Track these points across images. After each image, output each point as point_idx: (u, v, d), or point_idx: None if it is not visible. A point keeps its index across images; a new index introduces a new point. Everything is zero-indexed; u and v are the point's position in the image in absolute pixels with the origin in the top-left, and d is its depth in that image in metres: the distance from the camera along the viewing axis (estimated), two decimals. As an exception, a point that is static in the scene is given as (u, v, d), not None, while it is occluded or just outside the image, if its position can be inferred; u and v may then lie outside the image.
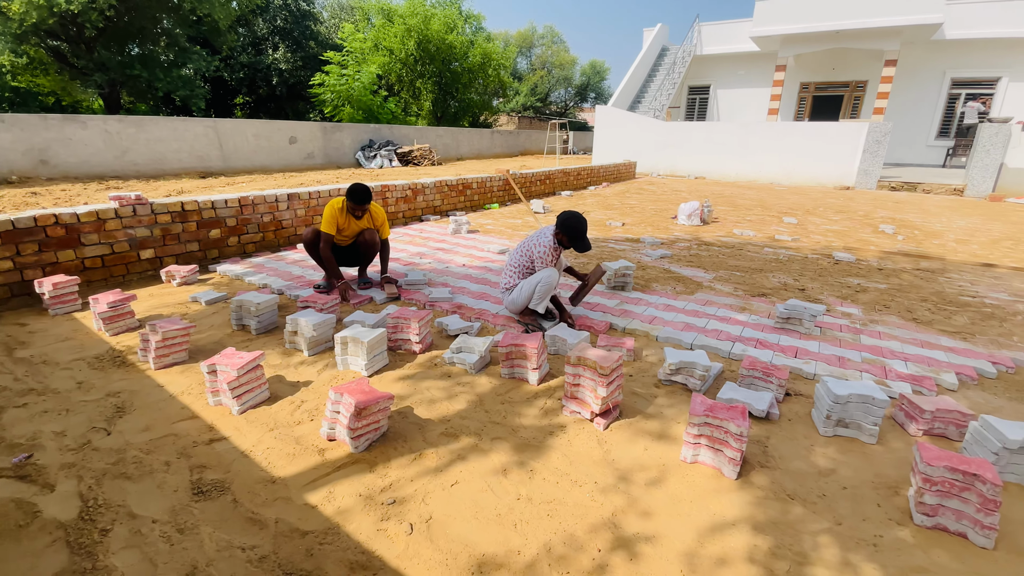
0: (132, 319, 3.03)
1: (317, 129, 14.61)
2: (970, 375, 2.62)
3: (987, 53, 14.50)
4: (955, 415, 2.07)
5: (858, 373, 2.58)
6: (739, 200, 9.65)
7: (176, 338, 2.57)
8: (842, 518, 1.63)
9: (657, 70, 18.75)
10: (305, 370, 2.58)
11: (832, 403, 2.04)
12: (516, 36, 35.94)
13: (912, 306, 3.69)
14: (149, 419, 2.11)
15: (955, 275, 4.58)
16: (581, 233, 2.94)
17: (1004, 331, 3.25)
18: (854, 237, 6.26)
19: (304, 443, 1.98)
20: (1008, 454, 1.79)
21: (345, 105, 18.23)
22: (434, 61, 21.61)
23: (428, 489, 1.74)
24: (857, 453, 1.97)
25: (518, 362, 2.52)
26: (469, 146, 21.55)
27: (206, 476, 1.77)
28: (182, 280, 3.89)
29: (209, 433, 2.03)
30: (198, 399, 2.27)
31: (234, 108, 24.36)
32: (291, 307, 3.46)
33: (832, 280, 4.31)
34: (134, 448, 1.91)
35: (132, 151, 10.73)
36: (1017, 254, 5.49)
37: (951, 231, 6.81)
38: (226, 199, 4.54)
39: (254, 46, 22.94)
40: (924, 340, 3.07)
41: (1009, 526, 1.60)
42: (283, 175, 12.08)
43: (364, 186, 3.61)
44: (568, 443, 2.01)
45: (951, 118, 15.60)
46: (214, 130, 12.10)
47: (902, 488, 1.77)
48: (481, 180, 8.01)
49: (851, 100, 16.92)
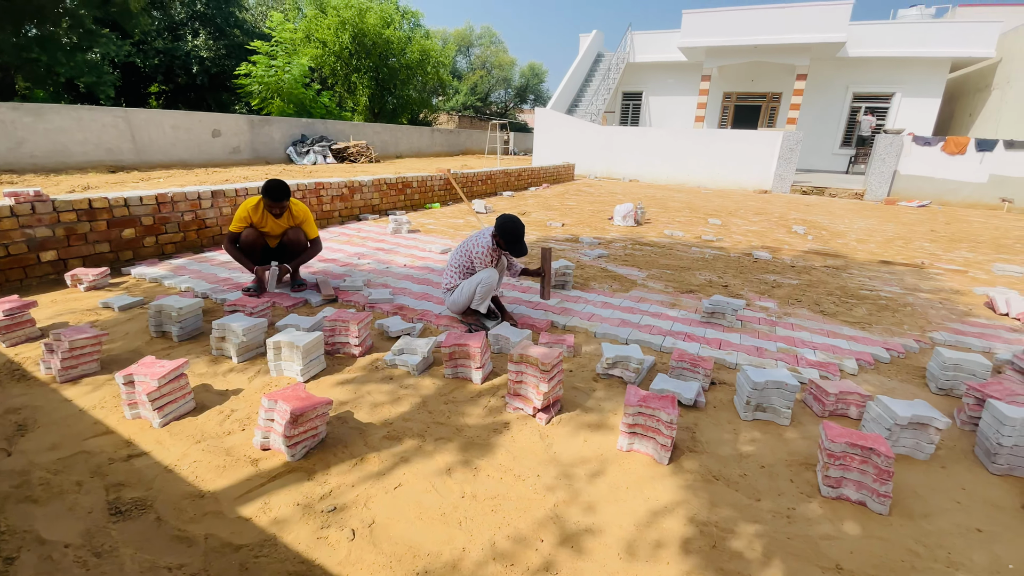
0: (32, 328, 2.75)
1: (244, 122, 13.81)
2: (868, 361, 2.92)
3: (883, 70, 16.16)
4: (855, 397, 2.31)
5: (774, 362, 2.81)
6: (669, 202, 10.15)
7: (85, 348, 2.36)
8: (760, 494, 1.78)
9: (593, 75, 19.32)
10: (235, 377, 2.45)
11: (751, 390, 2.22)
12: (454, 35, 35.75)
13: (820, 299, 4.06)
14: (56, 437, 1.92)
15: (856, 271, 5.08)
16: (517, 237, 2.97)
17: (896, 321, 3.64)
18: (771, 237, 6.77)
19: (235, 454, 1.88)
20: (899, 429, 2.02)
21: (275, 98, 17.36)
22: (371, 56, 21.05)
23: (370, 494, 1.71)
24: (773, 434, 2.16)
25: (461, 362, 2.53)
26: (408, 144, 21.18)
27: (124, 495, 1.65)
28: (90, 284, 3.56)
29: (127, 449, 1.88)
30: (112, 413, 2.10)
31: (149, 97, 22.49)
32: (217, 311, 3.27)
33: (752, 277, 4.65)
34: (40, 469, 1.74)
35: (29, 142, 9.65)
36: (908, 252, 6.16)
37: (853, 231, 7.53)
38: (141, 196, 4.21)
39: (171, 31, 21.29)
40: (829, 330, 3.39)
41: (900, 493, 1.81)
42: (205, 170, 11.31)
43: (281, 182, 3.44)
44: (512, 439, 2.05)
45: (853, 129, 17.22)
46: (125, 120, 11.13)
47: (811, 464, 1.96)
48: (422, 179, 7.91)
49: (768, 110, 18.26)
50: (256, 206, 3.51)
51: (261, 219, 3.54)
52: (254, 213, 3.50)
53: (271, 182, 3.42)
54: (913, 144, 11.60)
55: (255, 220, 3.52)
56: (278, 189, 3.42)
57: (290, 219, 3.66)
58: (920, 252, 6.19)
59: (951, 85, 16.86)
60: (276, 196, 3.42)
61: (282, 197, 3.44)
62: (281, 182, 3.44)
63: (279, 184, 3.43)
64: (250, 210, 3.48)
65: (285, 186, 3.44)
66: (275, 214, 3.51)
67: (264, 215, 3.54)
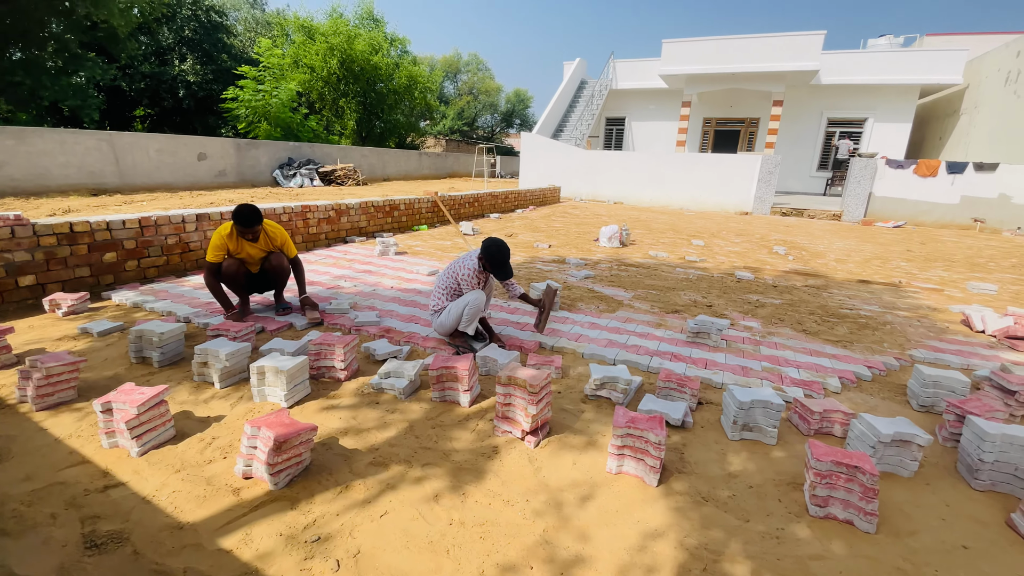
0: (8, 355, 2.67)
1: (230, 145, 13.81)
2: (850, 379, 2.97)
3: (856, 97, 16.80)
4: (839, 415, 2.34)
5: (759, 381, 2.84)
6: (653, 224, 10.31)
7: (62, 374, 2.30)
8: (749, 515, 1.78)
9: (577, 101, 19.76)
10: (217, 404, 2.40)
11: (737, 409, 2.24)
12: (442, 61, 36.46)
13: (802, 319, 4.13)
14: (30, 467, 1.86)
15: (836, 291, 5.19)
16: (500, 261, 2.98)
17: (876, 339, 3.71)
18: (753, 257, 6.90)
19: (216, 483, 1.83)
20: (882, 447, 2.05)
21: (262, 121, 17.42)
22: (358, 81, 21.32)
23: (356, 522, 1.68)
24: (760, 454, 2.16)
25: (449, 384, 2.51)
26: (396, 167, 21.32)
27: (100, 527, 1.59)
28: (69, 309, 3.48)
29: (103, 479, 1.82)
30: (89, 442, 2.03)
31: (134, 121, 22.42)
32: (200, 336, 3.22)
33: (735, 297, 4.72)
34: (13, 500, 1.68)
35: (10, 165, 9.52)
36: (885, 271, 6.32)
37: (832, 252, 7.71)
38: (124, 219, 4.16)
39: (158, 55, 21.38)
40: (812, 349, 3.44)
41: (887, 511, 1.83)
42: (190, 194, 11.24)
43: (250, 206, 3.32)
44: (500, 463, 2.03)
45: (829, 152, 17.78)
46: (109, 143, 11.06)
47: (799, 483, 1.96)
48: (409, 201, 7.95)
49: (747, 134, 18.80)
50: (230, 233, 3.39)
51: (237, 245, 3.43)
52: (229, 240, 3.39)
53: (240, 207, 3.30)
54: (887, 167, 12.00)
55: (231, 247, 3.41)
56: (247, 215, 3.30)
57: (267, 243, 3.56)
58: (897, 271, 6.35)
59: (921, 110, 17.58)
60: (246, 221, 3.30)
61: (252, 222, 3.31)
62: (250, 206, 3.32)
63: (249, 209, 3.31)
64: (225, 237, 3.36)
65: (255, 210, 3.32)
66: (248, 239, 3.41)
67: (239, 241, 3.43)
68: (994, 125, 14.03)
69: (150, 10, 16.82)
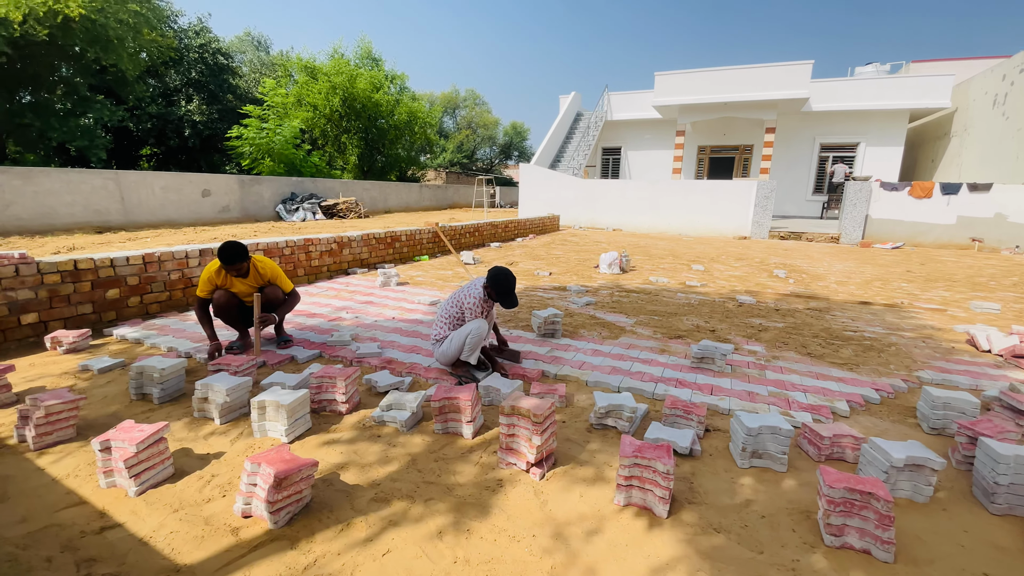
0: (8, 393, 2.65)
1: (234, 182, 14.04)
2: (858, 402, 2.92)
3: (846, 123, 17.15)
4: (849, 439, 2.30)
5: (766, 406, 2.80)
6: (653, 250, 10.37)
7: (62, 413, 2.28)
8: (763, 546, 1.73)
9: (574, 133, 20.18)
10: (217, 440, 2.37)
11: (746, 436, 2.20)
12: (441, 97, 37.45)
13: (806, 342, 4.10)
14: (26, 508, 1.82)
15: (839, 312, 5.17)
16: (508, 289, 3.00)
17: (882, 361, 3.68)
18: (753, 281, 6.91)
19: (215, 523, 1.79)
20: (896, 472, 2.00)
21: (265, 158, 17.78)
22: (360, 118, 21.85)
23: (357, 562, 1.63)
24: (771, 482, 2.12)
25: (452, 416, 2.48)
26: (397, 199, 21.62)
27: (96, 571, 1.55)
28: (70, 346, 3.48)
29: (100, 520, 1.78)
30: (87, 482, 2.00)
31: (140, 159, 22.89)
32: (201, 371, 3.20)
33: (738, 321, 4.70)
34: (8, 544, 1.63)
35: (16, 204, 9.68)
36: (887, 292, 6.31)
37: (832, 274, 7.72)
38: (127, 256, 4.20)
39: (165, 96, 21.99)
40: (818, 372, 3.40)
41: (904, 539, 1.77)
42: (194, 230, 11.37)
43: (235, 243, 3.29)
44: (505, 497, 1.99)
45: (823, 176, 18.03)
46: (115, 182, 11.26)
47: (812, 511, 1.91)
48: (410, 232, 8.03)
49: (741, 161, 19.11)
50: (218, 269, 3.37)
51: (225, 281, 3.42)
52: (217, 276, 3.38)
53: (224, 245, 3.28)
54: (881, 189, 12.14)
55: (218, 283, 3.40)
56: (231, 252, 3.27)
57: (257, 278, 3.53)
58: (899, 292, 6.34)
59: (912, 134, 17.92)
60: (229, 259, 3.27)
61: (236, 259, 3.29)
62: (235, 243, 3.31)
63: (232, 246, 3.28)
64: (212, 273, 3.35)
65: (239, 247, 3.30)
66: (235, 275, 3.40)
67: (227, 277, 3.42)
68: (985, 146, 14.27)
69: (158, 54, 17.40)
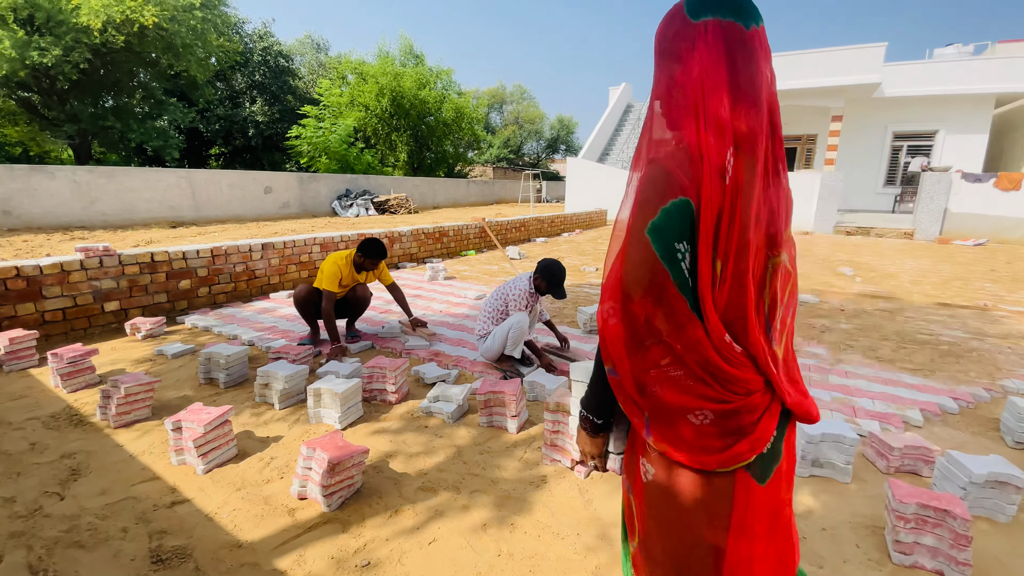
0: (92, 375, 2.90)
1: (293, 179, 14.71)
2: (933, 411, 2.70)
3: (923, 109, 15.83)
4: (922, 451, 2.13)
5: (829, 412, 2.64)
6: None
7: (139, 394, 2.47)
8: (823, 560, 1.63)
9: (623, 125, 19.74)
10: (276, 425, 2.50)
11: (806, 443, 2.08)
12: (487, 93, 37.65)
13: (875, 345, 3.84)
14: (106, 482, 1.98)
15: (913, 314, 4.80)
16: (559, 280, 3.05)
17: (961, 368, 3.39)
18: (816, 279, 6.53)
19: (273, 503, 1.89)
20: (975, 488, 1.84)
21: (321, 156, 18.51)
22: (408, 116, 22.31)
23: (404, 548, 1.67)
24: (833, 493, 1.99)
25: (496, 410, 2.49)
26: (445, 195, 21.96)
27: (166, 542, 1.66)
28: (147, 333, 3.76)
29: (171, 495, 1.92)
30: (160, 459, 2.16)
31: (209, 159, 24.42)
32: (262, 359, 3.37)
33: (798, 321, 4.46)
34: (89, 514, 1.79)
35: (101, 201, 10.57)
36: (967, 293, 5.80)
37: (905, 272, 7.18)
38: (197, 249, 4.49)
39: (231, 99, 23.32)
40: (888, 378, 3.17)
41: (982, 561, 1.63)
42: (257, 224, 12.01)
43: (380, 241, 3.39)
44: (549, 494, 1.98)
45: (896, 167, 16.76)
46: (187, 180, 12.07)
47: (879, 526, 1.79)
48: (457, 228, 8.13)
49: (804, 152, 18.08)
50: (346, 259, 3.45)
51: (348, 276, 3.49)
52: (345, 267, 3.44)
53: (371, 241, 3.36)
54: (963, 181, 11.15)
55: (343, 276, 3.45)
56: (378, 248, 3.34)
57: (372, 274, 3.65)
58: (981, 293, 5.81)
59: (998, 120, 16.29)
60: (378, 253, 3.35)
61: (382, 255, 3.39)
62: (380, 241, 3.39)
63: (378, 243, 3.36)
64: (340, 266, 3.41)
65: (383, 245, 3.39)
66: (368, 269, 3.47)
67: (351, 270, 3.50)
68: (1088, 132, 12.78)
69: (225, 59, 18.45)
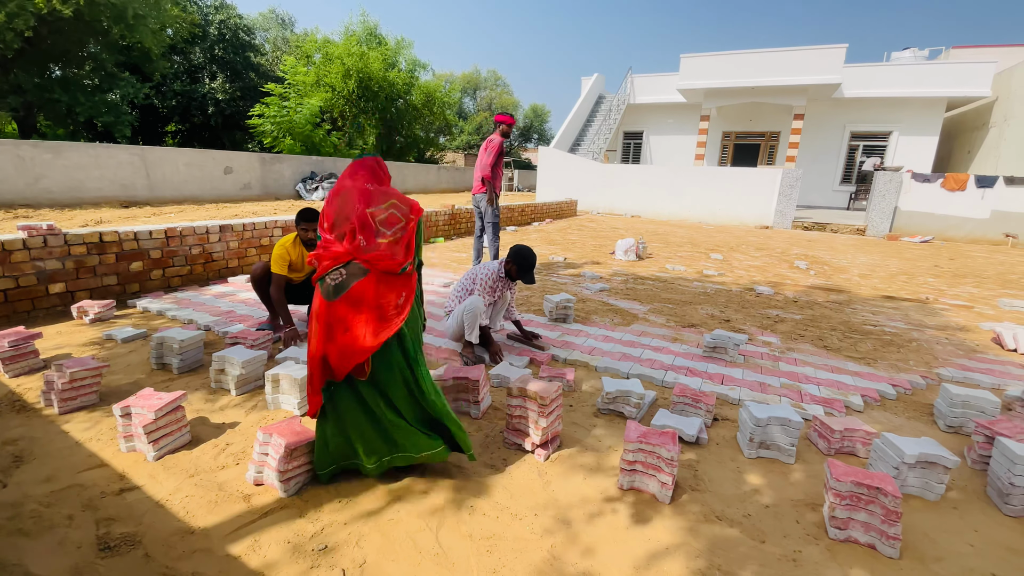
0: (36, 359, 2.76)
1: (255, 160, 14.19)
2: (873, 397, 2.87)
3: (879, 110, 16.52)
4: (861, 434, 2.26)
5: (777, 397, 2.77)
6: (671, 237, 10.23)
7: (85, 379, 2.36)
8: (765, 536, 1.73)
9: (595, 116, 19.84)
10: (232, 411, 2.44)
11: (754, 426, 2.18)
12: (461, 77, 37.12)
13: (823, 335, 4.03)
14: (51, 469, 1.90)
15: (859, 306, 5.05)
16: (530, 265, 3.11)
17: (901, 356, 3.60)
18: (773, 272, 6.78)
19: (228, 489, 1.85)
20: (907, 468, 1.97)
21: (286, 136, 17.89)
22: (377, 98, 21.77)
23: (362, 532, 1.67)
24: (778, 473, 2.10)
25: (461, 395, 2.51)
26: (415, 181, 21.63)
27: (114, 530, 1.62)
28: (95, 316, 3.59)
29: (120, 482, 1.86)
30: (108, 445, 2.08)
31: (164, 136, 23.25)
32: (219, 344, 3.28)
33: (754, 312, 4.63)
34: (33, 501, 1.72)
35: (47, 178, 9.94)
36: (912, 287, 6.14)
37: (856, 267, 7.53)
38: (151, 230, 4.30)
39: (189, 74, 22.22)
40: (834, 366, 3.34)
41: (911, 535, 1.75)
42: (216, 206, 11.56)
43: (312, 208, 3.40)
44: (509, 476, 2.01)
45: (852, 166, 17.48)
46: (141, 158, 11.47)
47: (818, 504, 1.90)
48: (426, 214, 8.04)
49: (767, 148, 18.61)
50: (293, 242, 3.45)
51: (297, 255, 3.49)
52: (292, 249, 3.44)
53: (302, 210, 3.41)
54: (913, 181, 11.73)
55: (293, 258, 3.45)
56: (310, 211, 3.41)
57: None
58: (924, 287, 6.17)
59: (948, 123, 17.18)
60: (309, 216, 3.39)
61: (313, 218, 3.40)
62: (312, 208, 3.42)
63: (310, 209, 3.41)
64: (288, 247, 3.42)
65: (315, 210, 3.42)
66: (310, 239, 3.45)
67: (300, 250, 3.50)
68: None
69: (181, 30, 17.53)
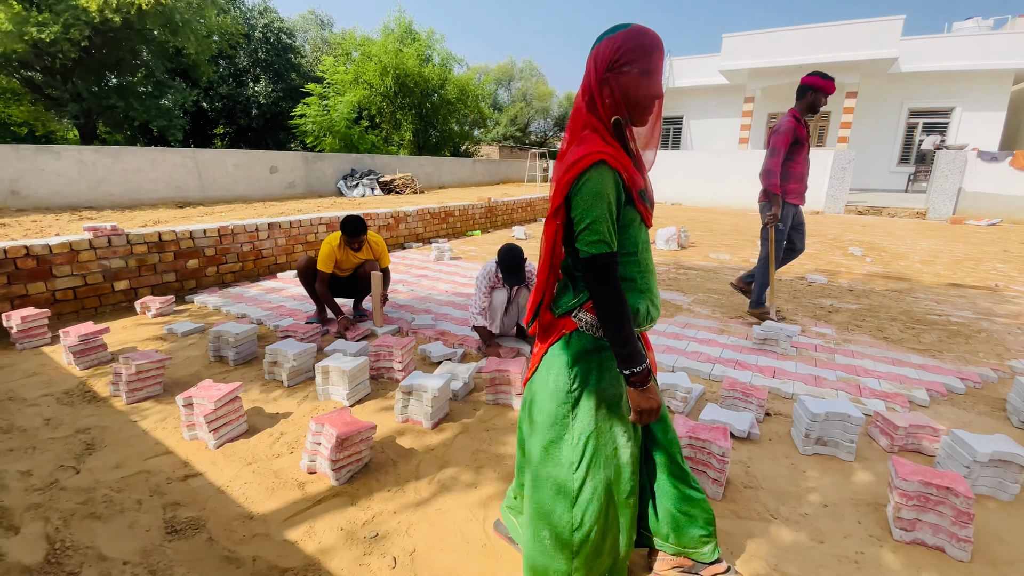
0: (104, 352, 2.95)
1: (298, 159, 14.63)
2: (940, 391, 2.70)
3: (941, 85, 15.40)
4: (927, 430, 2.13)
5: (834, 392, 2.64)
6: (714, 225, 9.91)
7: (150, 371, 2.50)
8: (824, 536, 1.65)
9: (632, 101, 19.35)
10: (285, 401, 2.53)
11: (810, 421, 2.08)
12: (496, 69, 36.97)
13: (883, 325, 3.81)
14: (120, 456, 2.03)
15: (922, 295, 4.75)
16: (509, 266, 2.98)
17: (970, 348, 3.36)
18: (825, 259, 6.46)
19: (283, 477, 1.93)
20: (979, 467, 1.84)
21: (326, 135, 18.36)
22: (412, 94, 21.99)
23: (412, 521, 1.71)
24: (836, 470, 2.01)
25: (502, 388, 2.51)
26: (451, 175, 21.77)
27: (180, 514, 1.71)
28: (157, 312, 3.80)
29: (184, 469, 1.96)
30: (172, 434, 2.20)
31: (213, 138, 24.30)
32: (271, 337, 3.41)
33: (806, 301, 4.43)
34: (104, 486, 1.84)
35: (108, 181, 10.59)
36: (979, 274, 5.73)
37: (916, 252, 7.08)
38: (205, 229, 4.50)
39: (235, 77, 23.08)
40: (895, 358, 3.16)
41: (984, 538, 1.64)
42: (263, 204, 12.00)
43: (358, 217, 3.48)
44: (553, 469, 2.00)
45: (911, 146, 16.40)
46: (193, 160, 12.04)
47: (881, 504, 1.80)
48: (463, 208, 8.09)
49: (817, 129, 17.70)
50: (339, 243, 3.54)
51: (344, 255, 3.59)
52: (338, 250, 3.54)
53: (349, 218, 3.47)
54: (978, 160, 10.90)
55: (339, 257, 3.55)
56: (356, 223, 3.47)
57: (369, 252, 3.70)
58: (993, 274, 5.73)
59: (1016, 97, 15.83)
60: (354, 231, 3.46)
61: (360, 231, 3.49)
62: (358, 217, 3.48)
63: (357, 219, 3.47)
64: (334, 247, 3.51)
65: (362, 221, 3.48)
66: (355, 248, 3.55)
67: (345, 251, 3.59)
68: (1112, 108, 12.40)
69: (227, 37, 18.22)
